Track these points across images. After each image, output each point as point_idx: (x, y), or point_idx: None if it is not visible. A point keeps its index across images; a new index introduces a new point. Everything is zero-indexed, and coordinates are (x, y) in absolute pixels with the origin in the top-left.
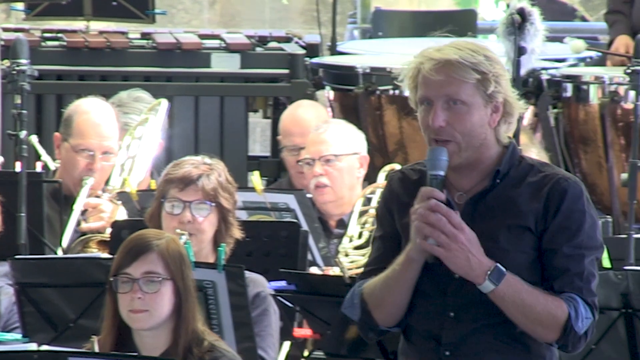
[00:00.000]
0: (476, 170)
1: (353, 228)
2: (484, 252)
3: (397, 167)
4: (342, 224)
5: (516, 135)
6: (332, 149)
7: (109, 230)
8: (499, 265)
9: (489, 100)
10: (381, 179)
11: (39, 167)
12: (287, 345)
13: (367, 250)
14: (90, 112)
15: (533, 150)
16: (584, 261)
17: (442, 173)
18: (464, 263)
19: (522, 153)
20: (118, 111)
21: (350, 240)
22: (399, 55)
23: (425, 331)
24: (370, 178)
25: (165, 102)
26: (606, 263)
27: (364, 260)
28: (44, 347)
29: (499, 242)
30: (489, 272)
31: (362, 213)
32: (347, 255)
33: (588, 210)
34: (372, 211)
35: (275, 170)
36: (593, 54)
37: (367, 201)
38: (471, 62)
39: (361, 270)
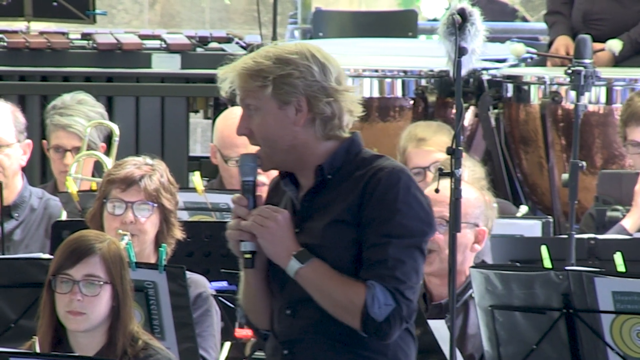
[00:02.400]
0: (307, 169)
1: None
2: (294, 237)
3: None
4: None
5: (457, 135)
6: None
7: None
8: (306, 250)
9: (283, 102)
10: None
11: None
12: (227, 345)
13: None
14: None
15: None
16: (388, 248)
17: (251, 179)
18: (272, 246)
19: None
20: (61, 113)
21: None
22: (339, 55)
23: (273, 330)
24: None
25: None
26: (547, 263)
27: None
28: None
29: (322, 238)
30: (294, 253)
31: None
32: None
33: (404, 199)
34: None
35: (216, 170)
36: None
37: None
38: (253, 69)
39: None
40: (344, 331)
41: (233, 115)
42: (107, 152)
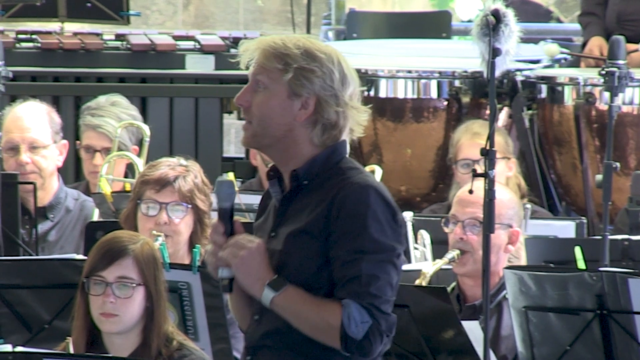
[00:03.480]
0: (288, 167)
1: None
2: (269, 266)
3: (375, 168)
4: None
5: (490, 136)
6: None
7: None
8: (280, 277)
9: (294, 92)
10: None
11: None
12: None
13: None
14: (15, 110)
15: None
16: (361, 265)
17: (228, 204)
18: (245, 277)
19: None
20: (93, 114)
21: None
22: (373, 56)
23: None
24: None
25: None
26: (581, 264)
27: None
28: (19, 349)
29: (286, 246)
30: (267, 282)
31: None
32: None
33: (374, 214)
34: None
35: (250, 171)
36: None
37: None
38: (280, 51)
39: None
40: (304, 342)
41: None
42: (140, 154)
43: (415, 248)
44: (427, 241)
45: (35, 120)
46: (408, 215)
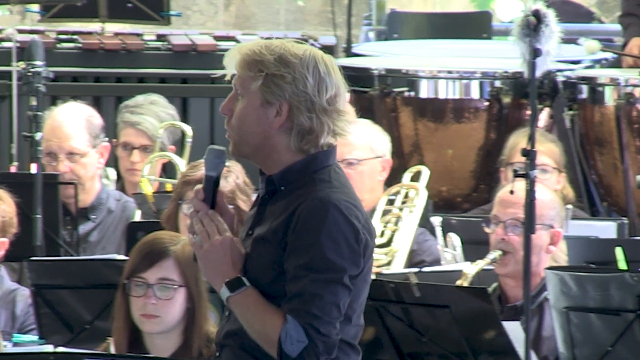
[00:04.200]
0: (270, 172)
1: (375, 226)
2: (236, 263)
3: (422, 169)
4: None
5: (531, 137)
6: (355, 152)
7: None
8: (242, 278)
9: (266, 100)
10: (406, 179)
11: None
12: None
13: (389, 250)
14: (54, 115)
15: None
16: (306, 282)
17: (213, 174)
18: (205, 268)
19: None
20: (132, 111)
21: None
22: (414, 56)
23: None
24: (386, 179)
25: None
26: (622, 265)
27: (385, 259)
28: (60, 349)
29: (252, 250)
30: (226, 281)
31: (385, 212)
32: None
33: (328, 232)
34: (396, 211)
35: None
36: (608, 55)
37: (390, 200)
38: (253, 59)
39: (382, 269)
40: (258, 346)
41: None
42: (179, 153)
43: (445, 251)
44: (457, 244)
45: (73, 127)
46: (437, 221)
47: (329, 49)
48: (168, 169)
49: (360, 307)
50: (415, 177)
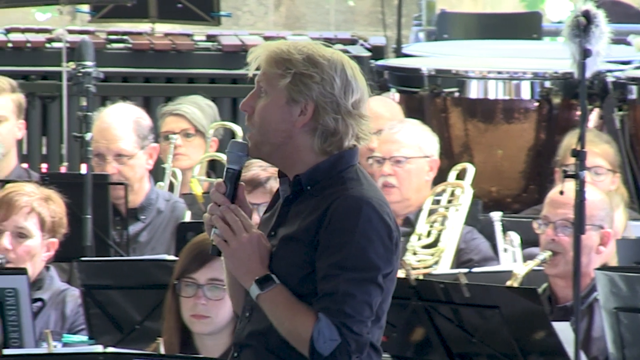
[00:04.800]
0: (291, 173)
1: (421, 226)
2: (264, 259)
3: (468, 166)
4: (409, 222)
5: (581, 137)
6: (403, 150)
7: None
8: (271, 275)
9: (292, 99)
10: (452, 177)
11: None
12: None
13: (436, 250)
14: (102, 117)
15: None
16: (339, 281)
17: (236, 167)
18: (234, 267)
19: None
20: (174, 103)
21: (419, 239)
22: (464, 57)
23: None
24: (434, 180)
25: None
26: None
27: (432, 259)
28: (110, 349)
29: (278, 249)
30: (256, 278)
31: (431, 212)
32: (415, 253)
33: (363, 230)
34: (442, 210)
35: None
36: None
37: (436, 200)
38: (281, 57)
39: (428, 270)
40: (286, 347)
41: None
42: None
43: (505, 250)
44: (516, 242)
45: (121, 129)
46: (497, 216)
47: (378, 50)
48: (218, 169)
49: (387, 308)
50: (461, 176)
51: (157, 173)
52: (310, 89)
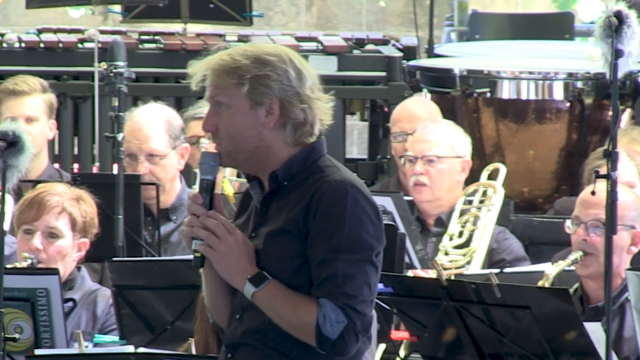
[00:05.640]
0: (267, 172)
1: (453, 227)
2: (252, 259)
3: (499, 166)
4: (441, 223)
5: (613, 137)
6: (435, 149)
7: None
8: (263, 272)
9: (256, 102)
10: (483, 177)
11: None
12: (382, 347)
13: (467, 250)
14: (134, 117)
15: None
16: (337, 264)
17: (209, 177)
18: (225, 270)
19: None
20: (195, 107)
21: (451, 239)
22: (496, 57)
23: (224, 333)
24: (466, 180)
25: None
26: None
27: (464, 260)
28: (141, 349)
29: (265, 245)
30: (249, 277)
31: (463, 212)
32: (446, 254)
33: (352, 212)
34: (474, 210)
35: (372, 172)
36: None
37: (468, 201)
38: (229, 66)
39: (460, 271)
40: (284, 340)
41: (408, 99)
42: None
43: None
44: None
45: (152, 129)
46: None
47: (410, 50)
48: None
49: (377, 289)
50: (493, 176)
51: (187, 178)
52: (271, 88)
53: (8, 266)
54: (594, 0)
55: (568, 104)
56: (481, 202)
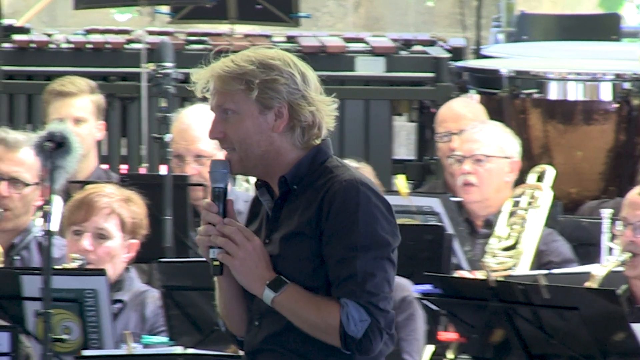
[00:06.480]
0: (277, 177)
1: (501, 229)
2: (269, 264)
3: (547, 168)
4: (489, 224)
5: None
6: (484, 149)
7: None
8: (281, 276)
9: (265, 107)
10: (531, 179)
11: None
12: (430, 349)
13: (515, 252)
14: (182, 118)
15: None
16: (356, 262)
17: (221, 185)
18: (244, 277)
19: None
20: None
21: (499, 241)
22: (543, 58)
23: (243, 340)
24: (514, 182)
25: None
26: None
27: (511, 262)
28: (190, 350)
29: (281, 250)
30: (267, 282)
31: (511, 214)
32: (494, 256)
33: (365, 210)
34: (521, 212)
35: (420, 173)
36: None
37: (516, 202)
38: (236, 73)
39: (507, 272)
40: (305, 344)
41: (453, 100)
42: None
43: (609, 249)
44: None
45: (200, 130)
46: (607, 212)
47: (458, 51)
48: None
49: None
50: (541, 177)
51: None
52: (279, 92)
53: (57, 267)
54: None
55: (616, 105)
56: (529, 203)
